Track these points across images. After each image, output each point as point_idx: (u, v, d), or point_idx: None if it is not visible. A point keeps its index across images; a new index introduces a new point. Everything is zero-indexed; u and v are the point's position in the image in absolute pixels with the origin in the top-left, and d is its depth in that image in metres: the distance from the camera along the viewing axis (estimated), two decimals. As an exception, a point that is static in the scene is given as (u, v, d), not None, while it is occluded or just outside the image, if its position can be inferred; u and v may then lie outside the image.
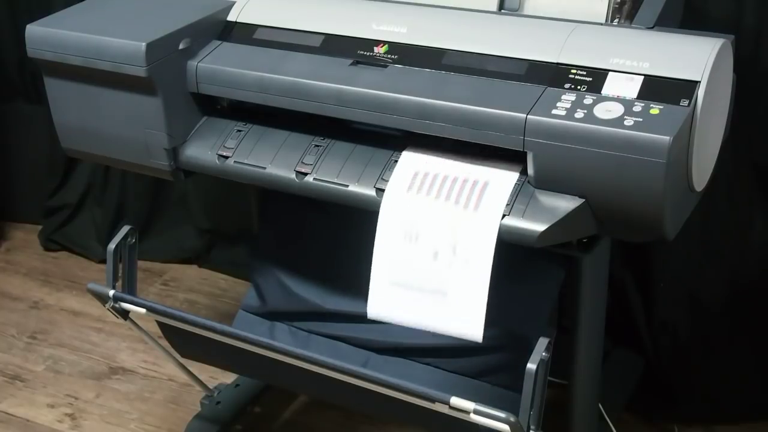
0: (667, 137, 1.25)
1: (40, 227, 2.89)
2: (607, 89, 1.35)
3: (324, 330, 1.84)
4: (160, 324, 1.68)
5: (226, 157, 1.59)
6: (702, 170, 1.42)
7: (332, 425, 2.06)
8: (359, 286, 1.78)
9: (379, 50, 1.52)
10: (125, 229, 1.67)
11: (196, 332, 1.59)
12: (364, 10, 1.59)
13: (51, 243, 2.84)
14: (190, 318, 1.59)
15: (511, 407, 1.37)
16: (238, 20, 1.65)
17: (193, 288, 2.65)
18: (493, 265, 1.67)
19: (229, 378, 2.12)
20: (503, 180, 1.37)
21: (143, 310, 1.63)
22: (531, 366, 1.35)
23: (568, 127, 1.31)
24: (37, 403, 2.19)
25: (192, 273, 2.72)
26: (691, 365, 2.03)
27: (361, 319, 1.78)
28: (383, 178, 1.47)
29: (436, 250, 1.38)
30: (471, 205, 1.37)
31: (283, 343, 1.55)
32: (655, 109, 1.30)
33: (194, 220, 2.71)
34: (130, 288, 1.70)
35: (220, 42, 1.64)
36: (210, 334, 1.57)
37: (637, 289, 2.06)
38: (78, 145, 1.71)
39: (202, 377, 1.99)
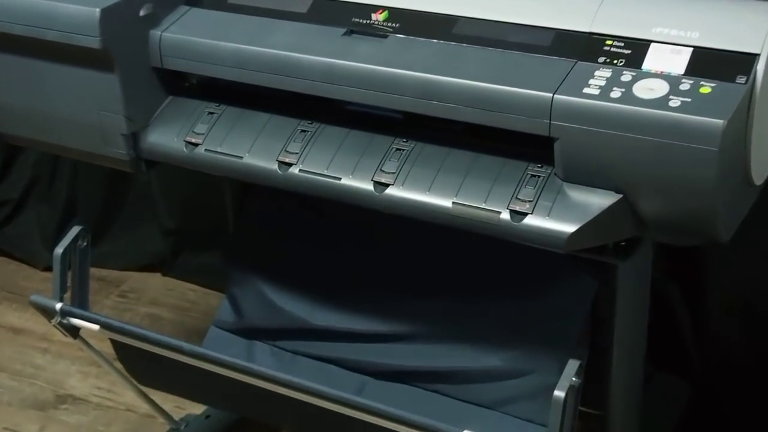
0: (721, 121, 1.25)
1: (-26, 228, 2.89)
2: (648, 64, 1.35)
3: (312, 350, 1.84)
4: (116, 344, 1.67)
5: (196, 145, 1.59)
6: (762, 160, 1.42)
7: (322, 464, 2.06)
8: (354, 299, 1.79)
9: (378, 17, 1.52)
10: (75, 230, 1.67)
11: (160, 353, 1.59)
12: (360, -30, 1.59)
13: (-13, 247, 2.85)
14: (153, 336, 1.59)
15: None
16: (209, -18, 1.66)
17: (157, 300, 2.65)
18: (513, 275, 1.67)
19: (198, 408, 2.12)
20: None
21: (96, 327, 1.63)
22: (559, 393, 1.35)
23: (603, 109, 1.31)
24: (-30, 438, 2.19)
25: (155, 282, 2.72)
26: (749, 391, 2.03)
27: (357, 337, 1.78)
28: (382, 169, 1.46)
29: None
30: None
31: (264, 366, 1.55)
32: (705, 88, 1.30)
33: (158, 220, 2.71)
34: (81, 300, 1.70)
35: (188, 7, 1.64)
36: (176, 356, 1.57)
37: (685, 302, 2.06)
38: (20, 130, 1.71)
39: (166, 407, 1.99)
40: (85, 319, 1.64)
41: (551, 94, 1.34)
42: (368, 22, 1.52)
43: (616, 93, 1.32)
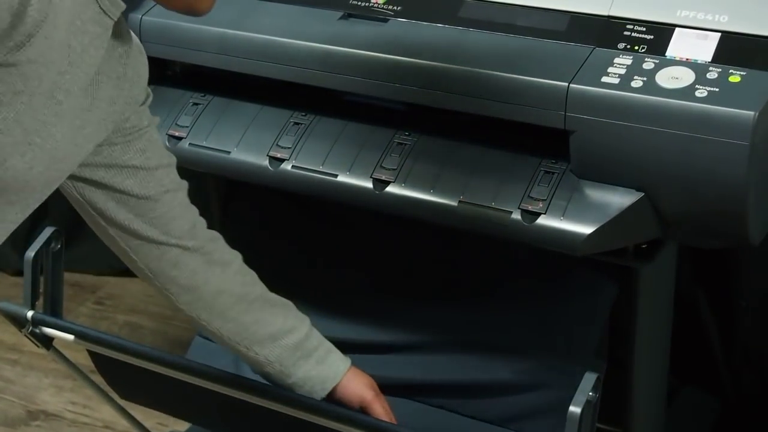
0: (752, 112, 1.25)
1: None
2: (672, 50, 1.35)
3: (306, 363, 1.84)
4: (93, 355, 1.68)
5: (179, 138, 1.59)
6: (796, 155, 1.42)
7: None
8: (351, 306, 1.79)
9: (378, 0, 1.53)
10: (48, 231, 1.67)
11: (139, 365, 1.59)
12: (358, -52, 1.60)
13: (-49, 249, 2.84)
14: (132, 346, 1.59)
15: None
16: (194, -40, 1.66)
17: (136, 308, 2.65)
18: (525, 281, 1.67)
19: (182, 424, 2.12)
20: None
21: (71, 337, 1.63)
22: (574, 409, 1.35)
23: (623, 100, 1.31)
24: (-67, 458, 2.20)
25: (134, 288, 2.72)
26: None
27: (354, 348, 1.78)
28: (383, 165, 1.47)
29: None
30: None
31: (253, 379, 1.56)
32: (735, 76, 1.30)
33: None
34: (54, 308, 1.70)
35: (170, -11, 1.64)
36: (157, 368, 1.57)
37: (713, 310, 2.06)
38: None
39: (147, 424, 1.99)
40: (59, 328, 1.64)
41: (567, 84, 1.34)
42: (367, 4, 1.52)
43: (637, 82, 1.32)
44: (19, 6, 0.99)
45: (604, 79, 1.33)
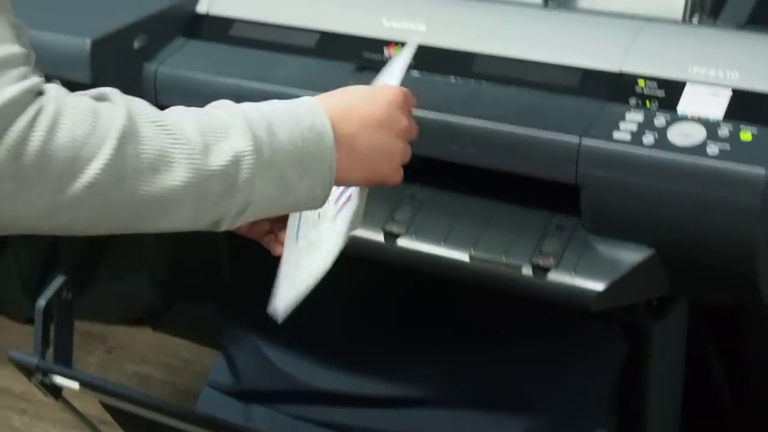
0: (763, 170, 1.25)
1: (-54, 275, 2.89)
2: (684, 107, 1.36)
3: (315, 415, 1.83)
4: (104, 403, 1.68)
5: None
6: (808, 213, 1.42)
7: None
8: (360, 359, 1.78)
9: (391, 53, 1.53)
10: (59, 280, 1.68)
11: (149, 417, 1.59)
12: (372, 2, 1.61)
13: (-39, 296, 2.85)
14: (141, 398, 1.59)
15: None
16: (209, 12, 1.67)
17: (146, 358, 2.64)
18: (534, 335, 1.67)
19: (190, 476, 2.11)
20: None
21: (80, 386, 1.63)
22: (584, 466, 1.35)
23: (634, 156, 1.31)
24: (-61, 506, 2.19)
25: (144, 338, 2.72)
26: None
27: (362, 401, 1.78)
28: (393, 218, 1.47)
29: None
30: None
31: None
32: (746, 134, 1.30)
33: (148, 268, 2.71)
34: (63, 357, 1.70)
35: (186, 40, 1.65)
36: (167, 420, 1.57)
37: (725, 367, 2.05)
38: None
39: (154, 475, 1.98)
40: (68, 377, 1.64)
41: (578, 139, 1.34)
42: (381, 57, 1.53)
43: (648, 138, 1.32)
44: None
45: (616, 134, 1.34)
